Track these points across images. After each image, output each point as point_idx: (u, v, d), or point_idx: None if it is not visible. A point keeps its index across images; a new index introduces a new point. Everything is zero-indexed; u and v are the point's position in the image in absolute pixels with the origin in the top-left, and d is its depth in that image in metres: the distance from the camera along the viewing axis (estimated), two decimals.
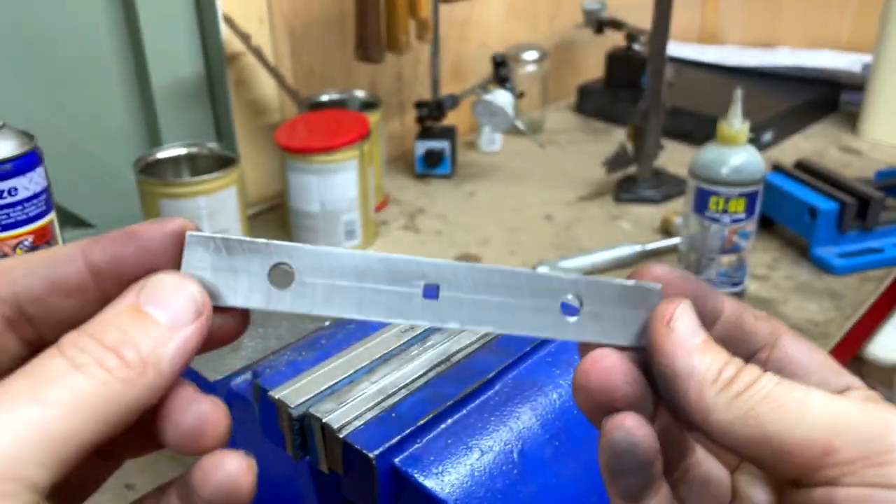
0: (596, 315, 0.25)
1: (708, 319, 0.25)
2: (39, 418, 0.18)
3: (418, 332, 0.45)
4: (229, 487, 0.21)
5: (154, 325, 0.20)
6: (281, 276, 0.23)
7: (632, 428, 0.23)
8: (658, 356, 0.23)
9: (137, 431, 0.23)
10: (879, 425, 0.21)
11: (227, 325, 0.23)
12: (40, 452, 0.18)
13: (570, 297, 0.25)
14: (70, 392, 0.18)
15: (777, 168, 0.97)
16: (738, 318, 0.26)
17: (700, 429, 0.23)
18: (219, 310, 0.23)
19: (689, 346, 0.23)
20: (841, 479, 0.20)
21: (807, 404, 0.21)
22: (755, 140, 0.91)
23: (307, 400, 0.40)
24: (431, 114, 1.08)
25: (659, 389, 0.24)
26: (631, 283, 0.25)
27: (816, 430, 0.21)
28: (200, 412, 0.21)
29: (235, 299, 0.23)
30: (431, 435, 0.39)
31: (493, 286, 0.24)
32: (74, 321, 0.21)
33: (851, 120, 1.32)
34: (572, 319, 0.25)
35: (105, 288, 0.22)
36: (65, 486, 0.21)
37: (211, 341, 0.23)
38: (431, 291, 0.24)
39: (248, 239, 0.23)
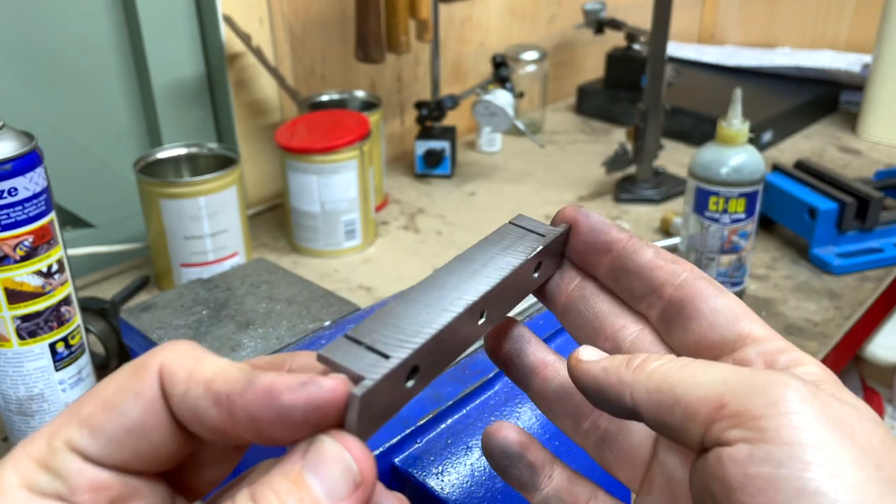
0: (548, 262, 0.31)
1: (601, 251, 0.30)
2: None
3: None
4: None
5: (310, 498, 0.20)
6: (413, 374, 0.25)
7: (494, 433, 0.29)
8: (579, 382, 0.27)
9: None
10: (761, 383, 0.22)
11: None
12: None
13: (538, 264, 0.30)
14: None
15: (777, 168, 0.97)
16: (634, 251, 0.29)
17: (630, 413, 0.25)
18: None
19: (595, 363, 0.26)
20: (726, 432, 0.22)
21: (710, 369, 0.24)
22: (755, 140, 0.91)
23: None
24: (431, 114, 1.09)
25: (593, 403, 0.27)
26: (558, 229, 0.31)
27: (713, 388, 0.23)
28: None
29: (385, 419, 0.24)
30: (431, 435, 0.39)
31: (507, 285, 0.29)
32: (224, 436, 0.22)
33: (851, 120, 1.33)
34: (537, 275, 0.30)
35: (237, 430, 0.21)
36: None
37: None
38: (482, 317, 0.28)
39: (385, 371, 0.22)
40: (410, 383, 0.24)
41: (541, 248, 0.30)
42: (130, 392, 0.21)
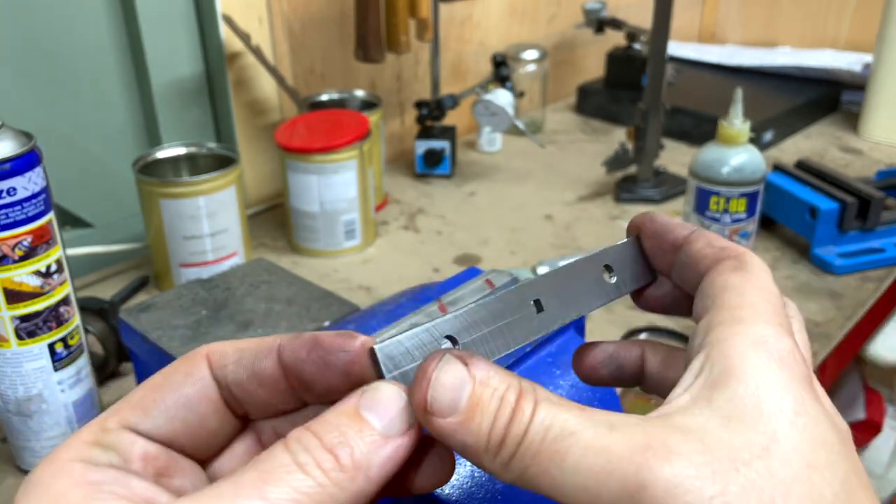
0: (623, 273, 0.31)
1: (668, 252, 0.29)
2: None
3: None
4: None
5: (369, 431, 0.21)
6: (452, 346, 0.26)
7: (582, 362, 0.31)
8: (442, 440, 0.23)
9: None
10: (618, 488, 0.20)
11: (434, 470, 0.24)
12: None
13: (607, 266, 0.31)
14: (290, 492, 0.20)
15: (778, 168, 0.97)
16: (688, 244, 0.28)
17: None
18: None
19: (450, 426, 0.22)
20: None
21: (568, 463, 0.20)
22: (756, 140, 0.91)
23: None
24: (431, 114, 1.08)
25: None
26: (624, 240, 0.31)
27: (578, 497, 0.20)
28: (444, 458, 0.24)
29: None
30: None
31: (566, 282, 0.29)
32: (268, 406, 0.24)
33: (852, 120, 1.32)
34: (612, 284, 0.31)
35: (292, 383, 0.24)
36: None
37: (418, 486, 0.24)
38: (539, 307, 0.28)
39: (414, 330, 0.24)
40: None
41: (601, 249, 0.31)
42: (180, 374, 0.24)
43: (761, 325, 0.22)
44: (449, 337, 0.25)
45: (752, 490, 0.19)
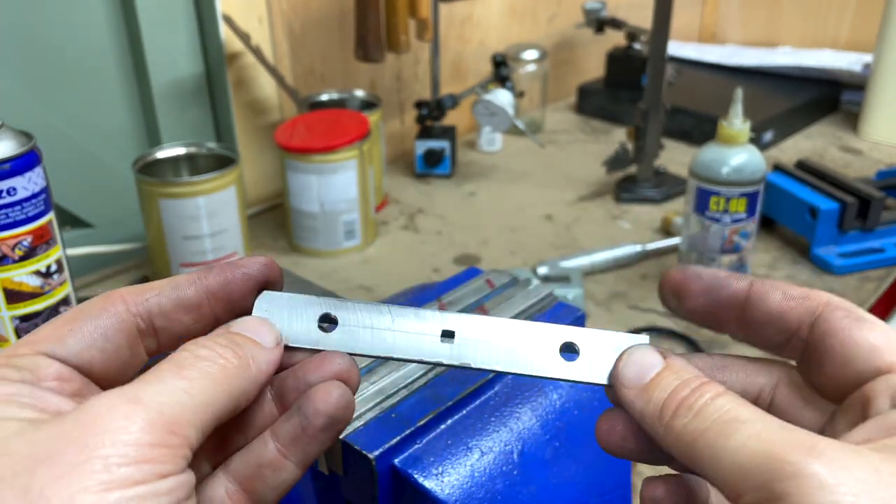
0: (592, 360, 0.28)
1: (726, 307, 0.27)
2: (187, 387, 0.22)
3: None
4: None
5: (247, 341, 0.26)
6: (328, 323, 0.29)
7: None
8: (623, 406, 0.26)
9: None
10: (771, 471, 0.21)
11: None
12: (190, 413, 0.22)
13: (569, 343, 0.28)
14: (202, 371, 0.23)
15: (778, 168, 0.97)
16: (760, 299, 0.27)
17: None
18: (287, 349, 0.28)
19: (635, 392, 0.26)
20: None
21: (732, 442, 0.22)
22: (756, 140, 0.91)
23: None
24: (431, 113, 1.08)
25: None
26: (622, 334, 0.28)
27: (731, 473, 0.22)
28: (340, 364, 0.28)
29: (290, 341, 0.28)
30: (431, 436, 0.39)
31: (502, 333, 0.29)
32: (188, 334, 0.27)
33: (852, 120, 1.32)
34: (572, 363, 0.28)
35: (214, 307, 0.27)
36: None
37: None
38: (449, 336, 0.29)
39: (303, 296, 0.29)
40: (328, 333, 0.29)
41: (574, 328, 0.28)
42: (96, 307, 0.26)
43: None
44: (328, 316, 0.29)
45: None
